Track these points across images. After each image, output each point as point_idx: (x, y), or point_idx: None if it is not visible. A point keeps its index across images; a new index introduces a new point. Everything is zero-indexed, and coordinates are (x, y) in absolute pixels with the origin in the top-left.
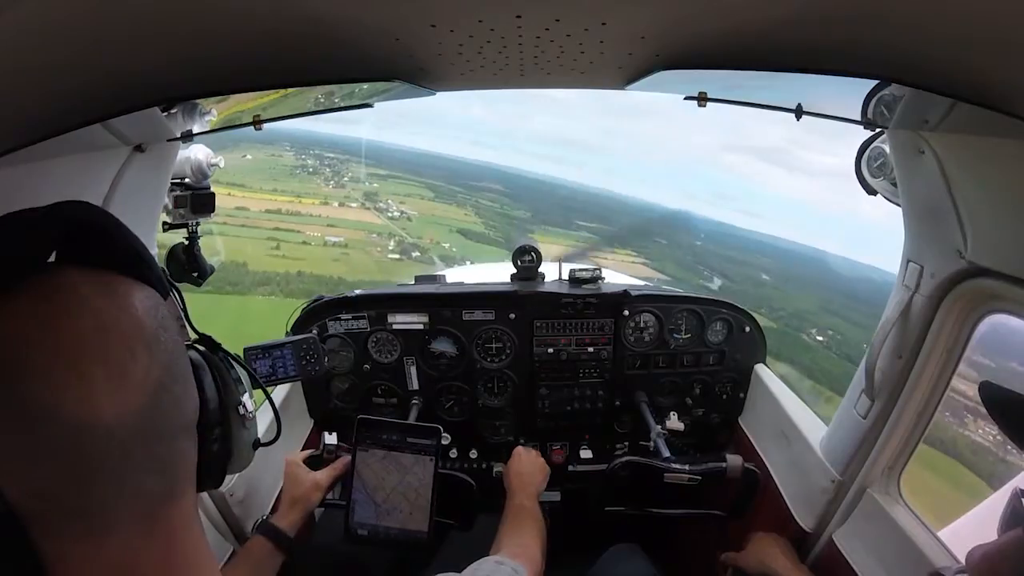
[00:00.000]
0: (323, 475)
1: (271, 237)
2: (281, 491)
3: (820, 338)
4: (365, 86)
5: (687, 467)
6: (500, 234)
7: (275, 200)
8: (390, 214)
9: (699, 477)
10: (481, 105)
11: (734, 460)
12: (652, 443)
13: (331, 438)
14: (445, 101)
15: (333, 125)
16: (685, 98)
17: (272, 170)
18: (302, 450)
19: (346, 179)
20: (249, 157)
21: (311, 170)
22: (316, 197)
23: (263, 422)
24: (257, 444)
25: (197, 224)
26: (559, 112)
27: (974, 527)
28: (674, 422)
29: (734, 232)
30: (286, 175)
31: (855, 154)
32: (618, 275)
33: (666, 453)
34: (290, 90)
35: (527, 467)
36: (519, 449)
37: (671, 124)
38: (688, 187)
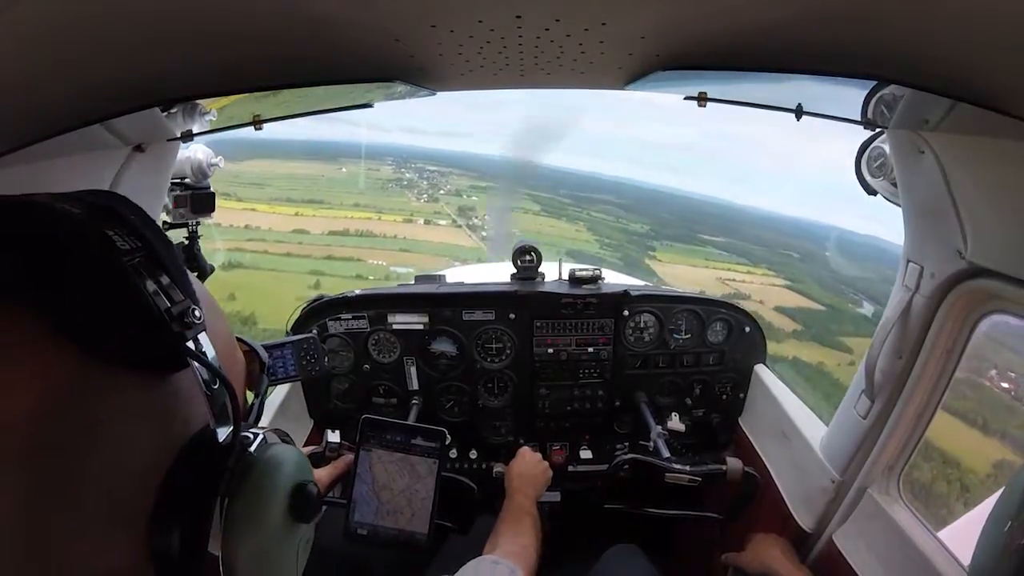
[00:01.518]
0: (324, 473)
1: (315, 270)
2: None
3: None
4: (365, 86)
5: (688, 468)
6: (618, 255)
7: (349, 218)
8: (484, 233)
9: (699, 479)
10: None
11: (734, 464)
12: (652, 443)
13: (334, 436)
14: (547, 111)
15: (438, 139)
16: (685, 98)
17: (364, 183)
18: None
19: (442, 192)
20: (345, 171)
21: (406, 183)
22: (400, 214)
23: (261, 422)
24: None
25: (197, 224)
26: (661, 118)
27: (974, 527)
28: (676, 423)
29: (852, 239)
30: (376, 189)
31: (855, 154)
32: (618, 275)
33: (666, 453)
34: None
35: (529, 468)
36: (524, 450)
37: (777, 130)
38: (801, 192)
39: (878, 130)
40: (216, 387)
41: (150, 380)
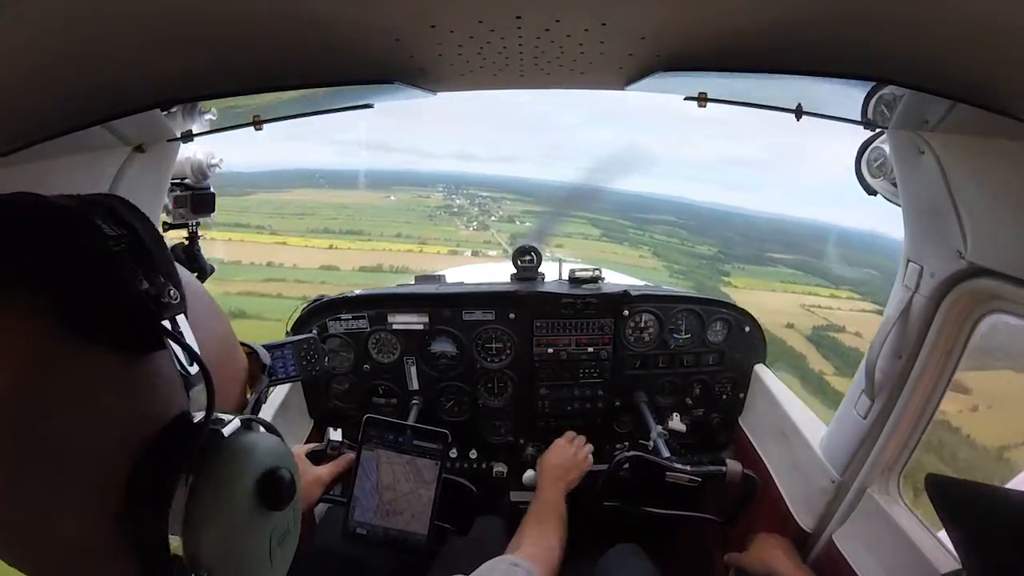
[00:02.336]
0: (325, 471)
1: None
2: None
3: None
4: (365, 87)
5: (688, 468)
6: (691, 283)
7: (388, 251)
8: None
9: (699, 479)
10: (632, 130)
11: (734, 466)
12: (652, 443)
13: (336, 434)
14: (600, 133)
15: (491, 165)
16: (685, 98)
17: (411, 212)
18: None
19: (493, 218)
20: (393, 199)
21: (455, 210)
22: (446, 244)
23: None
24: None
25: (197, 224)
26: (718, 133)
27: None
28: (676, 423)
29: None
30: (423, 218)
31: (855, 154)
32: (618, 275)
33: (666, 453)
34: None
35: (562, 459)
36: (560, 441)
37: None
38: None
39: (878, 130)
40: (194, 371)
41: (127, 359)
